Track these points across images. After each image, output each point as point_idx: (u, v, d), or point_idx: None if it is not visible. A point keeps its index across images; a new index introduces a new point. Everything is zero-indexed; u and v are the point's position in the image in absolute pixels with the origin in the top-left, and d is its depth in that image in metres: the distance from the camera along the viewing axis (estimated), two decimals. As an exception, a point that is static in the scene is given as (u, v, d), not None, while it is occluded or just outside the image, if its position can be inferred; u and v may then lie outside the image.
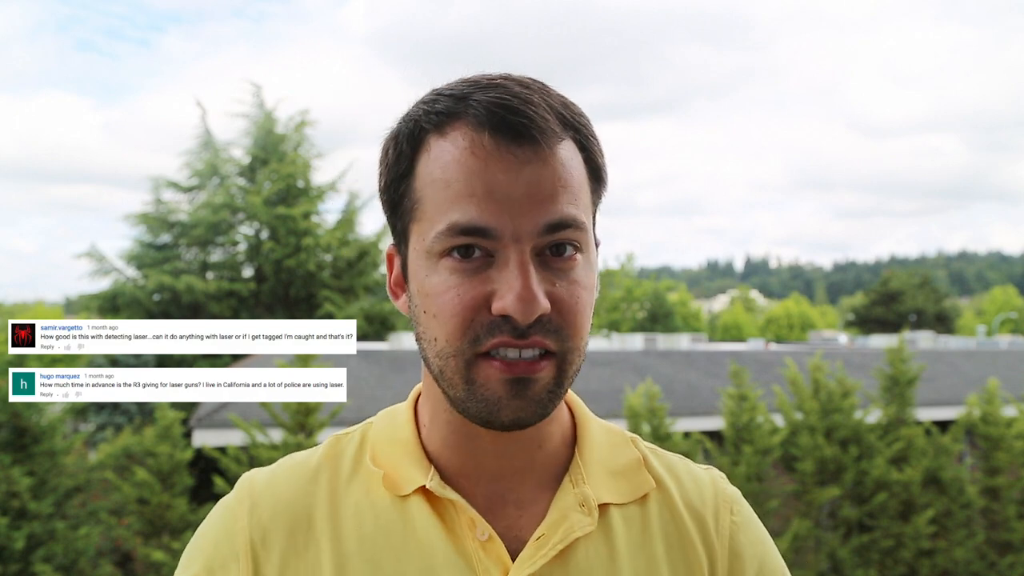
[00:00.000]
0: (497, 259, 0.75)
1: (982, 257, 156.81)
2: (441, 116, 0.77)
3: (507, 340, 0.74)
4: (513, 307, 0.73)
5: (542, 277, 0.75)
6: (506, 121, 0.74)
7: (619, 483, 0.88)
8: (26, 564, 6.90)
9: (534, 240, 0.75)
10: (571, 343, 0.77)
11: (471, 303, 0.75)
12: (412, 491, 0.84)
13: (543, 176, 0.75)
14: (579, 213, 0.77)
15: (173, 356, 13.66)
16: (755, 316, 57.34)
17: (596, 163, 0.82)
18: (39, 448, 7.30)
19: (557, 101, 0.79)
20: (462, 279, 0.75)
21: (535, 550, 0.81)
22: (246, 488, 0.87)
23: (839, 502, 9.38)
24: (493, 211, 0.74)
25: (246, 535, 0.83)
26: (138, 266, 17.53)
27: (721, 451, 9.03)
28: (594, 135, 0.82)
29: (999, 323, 49.90)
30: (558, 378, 0.77)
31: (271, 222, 17.44)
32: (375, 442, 0.89)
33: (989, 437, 9.93)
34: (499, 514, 0.84)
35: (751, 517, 0.93)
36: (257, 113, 18.40)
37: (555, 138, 0.76)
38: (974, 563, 9.45)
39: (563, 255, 0.77)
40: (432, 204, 0.77)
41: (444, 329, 0.76)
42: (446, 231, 0.75)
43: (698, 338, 24.78)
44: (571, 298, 0.76)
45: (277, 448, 7.41)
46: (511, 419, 0.76)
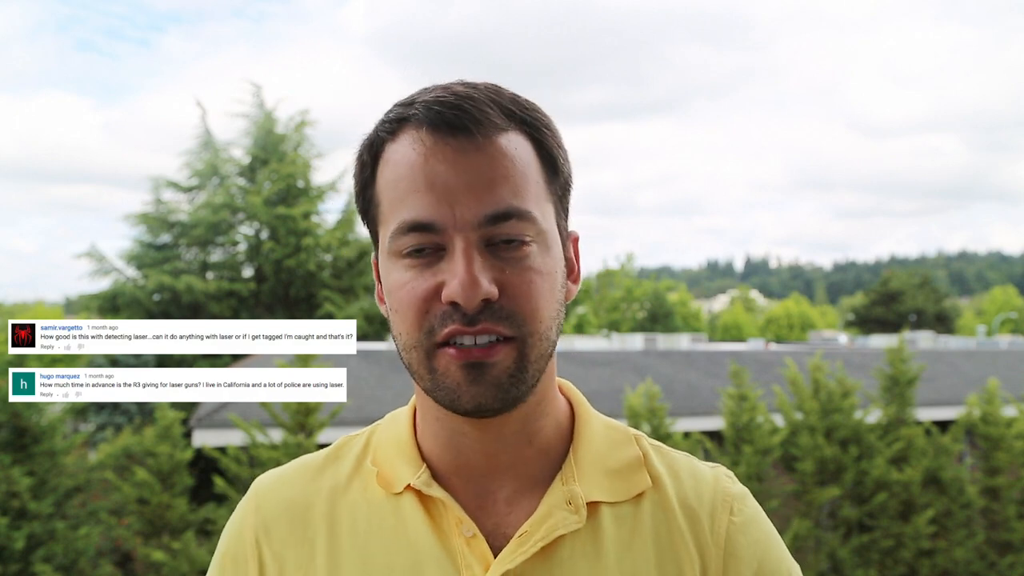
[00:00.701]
0: (447, 251, 0.78)
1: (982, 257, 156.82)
2: (393, 123, 0.81)
3: (458, 328, 0.77)
4: (456, 293, 0.75)
5: (490, 264, 0.77)
6: (442, 116, 0.78)
7: (614, 481, 0.87)
8: (26, 564, 6.90)
9: (478, 230, 0.77)
10: (528, 327, 0.78)
11: (424, 295, 0.78)
12: (404, 489, 0.86)
13: (481, 164, 0.78)
14: (523, 203, 0.79)
15: (173, 356, 13.67)
16: (755, 316, 57.33)
17: (551, 154, 0.83)
18: (39, 448, 7.30)
19: (506, 98, 0.81)
20: (416, 274, 0.79)
21: (516, 547, 0.82)
22: (254, 489, 0.93)
23: (839, 502, 9.38)
24: (434, 203, 0.77)
25: (252, 532, 0.89)
26: (138, 266, 17.53)
27: (721, 451, 9.03)
28: (548, 127, 0.83)
29: (999, 323, 49.89)
30: (519, 362, 0.78)
31: (271, 222, 17.44)
32: (378, 443, 0.92)
33: (989, 437, 9.93)
34: (489, 512, 0.85)
35: (754, 517, 0.90)
36: (257, 113, 18.41)
37: (493, 128, 0.79)
38: (974, 563, 9.45)
39: (511, 245, 0.79)
40: (388, 205, 0.81)
41: (404, 323, 0.80)
42: (397, 230, 0.79)
43: (698, 338, 24.79)
44: (522, 283, 0.78)
45: (277, 448, 7.41)
46: (472, 405, 0.78)
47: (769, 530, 0.91)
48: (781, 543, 0.92)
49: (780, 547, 0.91)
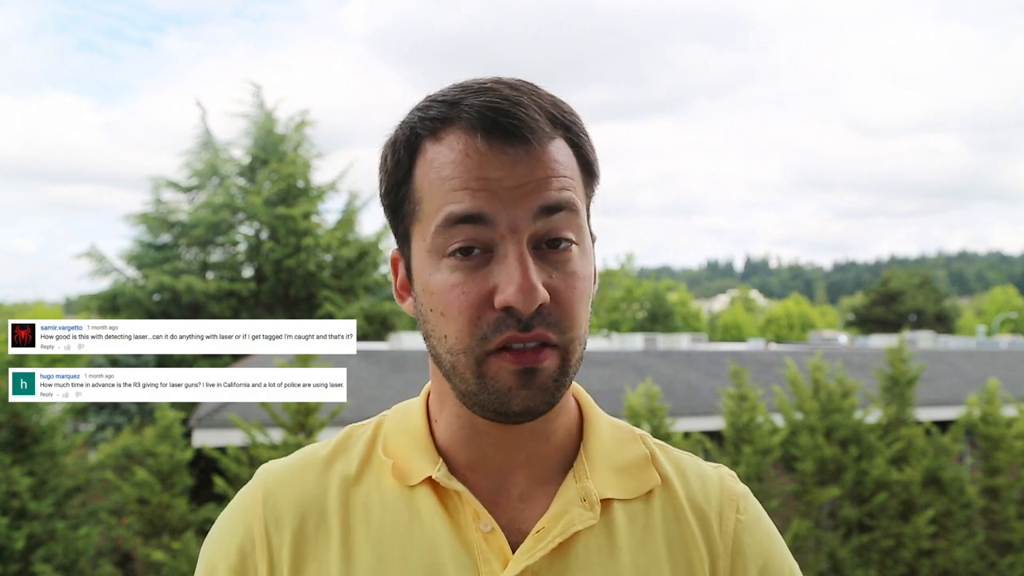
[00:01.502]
0: (496, 254, 0.78)
1: (982, 257, 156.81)
2: (436, 122, 0.80)
3: (513, 335, 0.77)
4: (515, 298, 0.75)
5: (539, 268, 0.78)
6: (497, 123, 0.77)
7: (624, 479, 0.88)
8: (26, 564, 6.90)
9: (530, 228, 0.78)
10: (571, 333, 0.80)
11: (476, 300, 0.77)
12: (420, 481, 0.86)
13: (534, 168, 0.78)
14: (573, 197, 0.80)
15: (173, 356, 13.67)
16: (755, 316, 57.32)
17: (588, 159, 0.85)
18: (39, 448, 7.30)
19: (547, 101, 0.82)
20: (465, 276, 0.78)
21: (534, 543, 0.82)
22: (261, 478, 0.90)
23: (839, 502, 9.38)
24: (487, 199, 0.77)
25: (261, 523, 0.86)
26: (138, 266, 17.53)
27: (721, 451, 9.03)
28: (585, 132, 0.85)
29: (999, 323, 49.90)
30: (562, 367, 0.80)
31: (271, 222, 17.44)
32: (387, 434, 0.91)
33: (989, 437, 9.93)
34: (504, 507, 0.86)
35: (758, 516, 0.93)
36: (257, 113, 18.41)
37: (545, 136, 0.79)
38: (974, 563, 9.45)
39: (559, 248, 0.79)
40: (430, 202, 0.80)
41: (453, 326, 0.79)
42: (443, 222, 0.78)
43: (698, 338, 24.77)
44: (567, 289, 0.79)
45: (277, 448, 7.41)
46: (521, 408, 0.79)
47: (772, 529, 0.93)
48: (782, 541, 0.94)
49: (782, 545, 0.93)
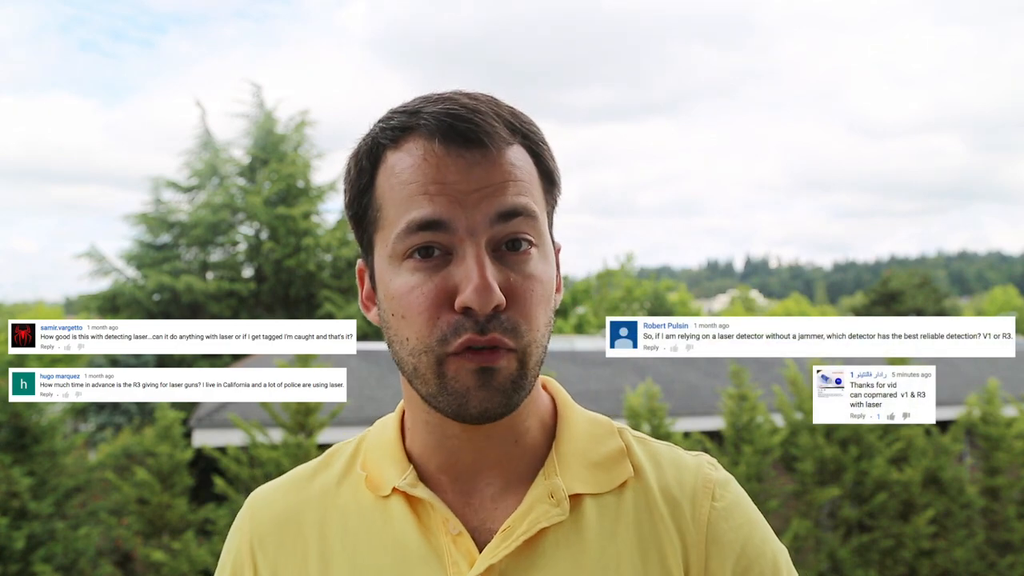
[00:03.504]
0: (455, 256, 0.79)
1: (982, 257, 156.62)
2: (396, 131, 0.83)
3: (472, 338, 0.78)
4: (471, 298, 0.76)
5: (497, 270, 0.79)
6: (455, 128, 0.79)
7: (596, 474, 0.89)
8: (26, 564, 6.89)
9: (488, 232, 0.79)
10: (528, 337, 0.80)
11: (435, 300, 0.79)
12: (391, 491, 0.88)
13: (492, 173, 0.80)
14: (530, 202, 0.81)
15: (173, 356, 13.67)
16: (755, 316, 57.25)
17: (547, 167, 0.86)
18: (39, 448, 7.30)
19: (505, 111, 0.84)
20: (424, 278, 0.80)
21: (499, 541, 0.83)
22: (249, 502, 0.96)
23: (839, 502, 9.38)
24: (446, 205, 0.79)
25: (248, 544, 0.92)
26: (138, 266, 17.52)
27: (721, 451, 9.02)
28: (544, 142, 0.86)
29: (999, 323, 49.84)
30: (520, 370, 0.80)
31: (271, 222, 17.43)
32: (367, 448, 0.94)
33: (989, 437, 9.93)
34: (476, 508, 0.87)
35: (737, 502, 0.91)
36: (257, 113, 18.39)
37: (502, 141, 0.81)
38: (974, 563, 9.45)
39: (518, 250, 0.81)
40: (392, 209, 0.82)
41: (413, 328, 0.80)
42: (405, 229, 0.80)
43: (698, 338, 24.75)
44: (525, 291, 0.80)
45: (277, 448, 7.41)
46: (479, 410, 0.80)
47: (752, 514, 0.92)
48: (766, 527, 0.92)
49: (764, 531, 0.91)
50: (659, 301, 41.40)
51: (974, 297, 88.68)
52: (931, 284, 47.63)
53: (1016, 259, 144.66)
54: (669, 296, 44.32)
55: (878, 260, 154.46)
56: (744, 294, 71.17)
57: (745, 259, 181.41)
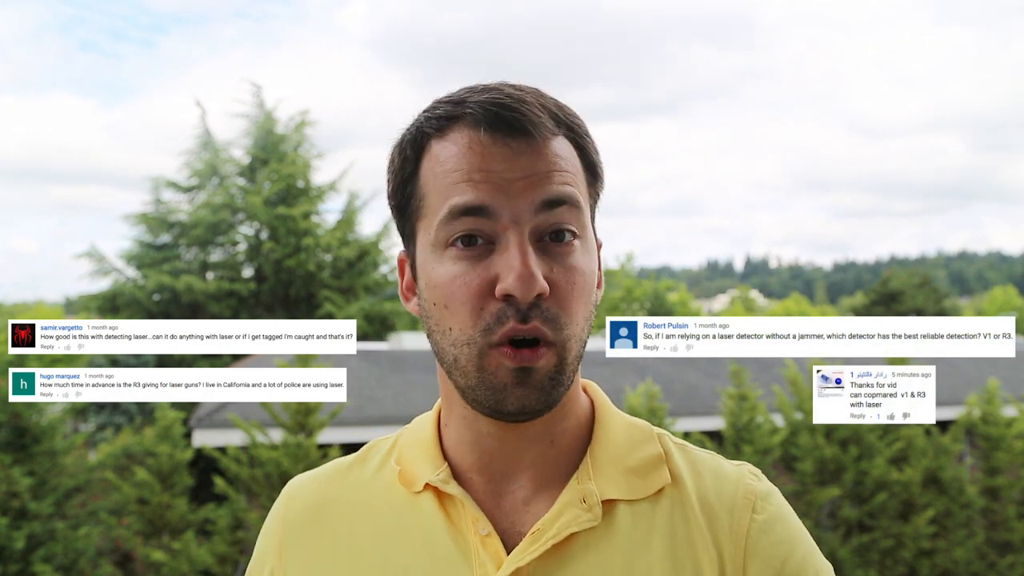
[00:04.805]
0: (498, 245, 0.78)
1: (982, 257, 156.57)
2: (441, 120, 0.82)
3: (514, 327, 0.77)
4: (513, 286, 0.75)
5: (540, 260, 0.78)
6: (501, 117, 0.79)
7: (632, 480, 0.87)
8: (26, 564, 6.90)
9: (532, 221, 0.78)
10: (568, 331, 0.79)
11: (478, 289, 0.78)
12: (424, 487, 0.87)
13: (537, 162, 0.79)
14: (575, 192, 0.81)
15: (173, 356, 13.67)
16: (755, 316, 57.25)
17: (591, 160, 0.86)
18: (39, 448, 7.30)
19: (551, 103, 0.83)
20: (467, 267, 0.78)
21: (528, 544, 0.82)
22: (285, 490, 0.97)
23: (839, 502, 9.38)
24: (490, 192, 0.78)
25: (281, 529, 0.93)
26: (138, 266, 17.52)
27: (721, 451, 9.01)
28: (588, 134, 0.86)
29: (999, 323, 49.83)
30: (559, 366, 0.79)
31: (271, 222, 17.43)
32: (403, 443, 0.94)
33: (989, 437, 9.93)
34: (507, 510, 0.86)
35: (780, 516, 0.87)
36: (257, 113, 18.40)
37: (548, 132, 0.80)
38: (974, 563, 9.44)
39: (562, 241, 0.80)
40: (434, 196, 0.81)
41: (456, 318, 0.79)
42: (447, 215, 0.79)
43: (698, 338, 24.74)
44: (567, 283, 0.79)
45: (277, 448, 7.41)
46: (516, 407, 0.79)
47: (795, 530, 0.88)
48: (810, 544, 0.88)
49: (807, 547, 0.87)
50: (659, 301, 41.40)
51: (974, 297, 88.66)
52: (931, 284, 47.63)
53: (1016, 259, 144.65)
54: (669, 296, 44.33)
55: (878, 260, 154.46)
56: (744, 294, 71.15)
57: (745, 259, 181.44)
